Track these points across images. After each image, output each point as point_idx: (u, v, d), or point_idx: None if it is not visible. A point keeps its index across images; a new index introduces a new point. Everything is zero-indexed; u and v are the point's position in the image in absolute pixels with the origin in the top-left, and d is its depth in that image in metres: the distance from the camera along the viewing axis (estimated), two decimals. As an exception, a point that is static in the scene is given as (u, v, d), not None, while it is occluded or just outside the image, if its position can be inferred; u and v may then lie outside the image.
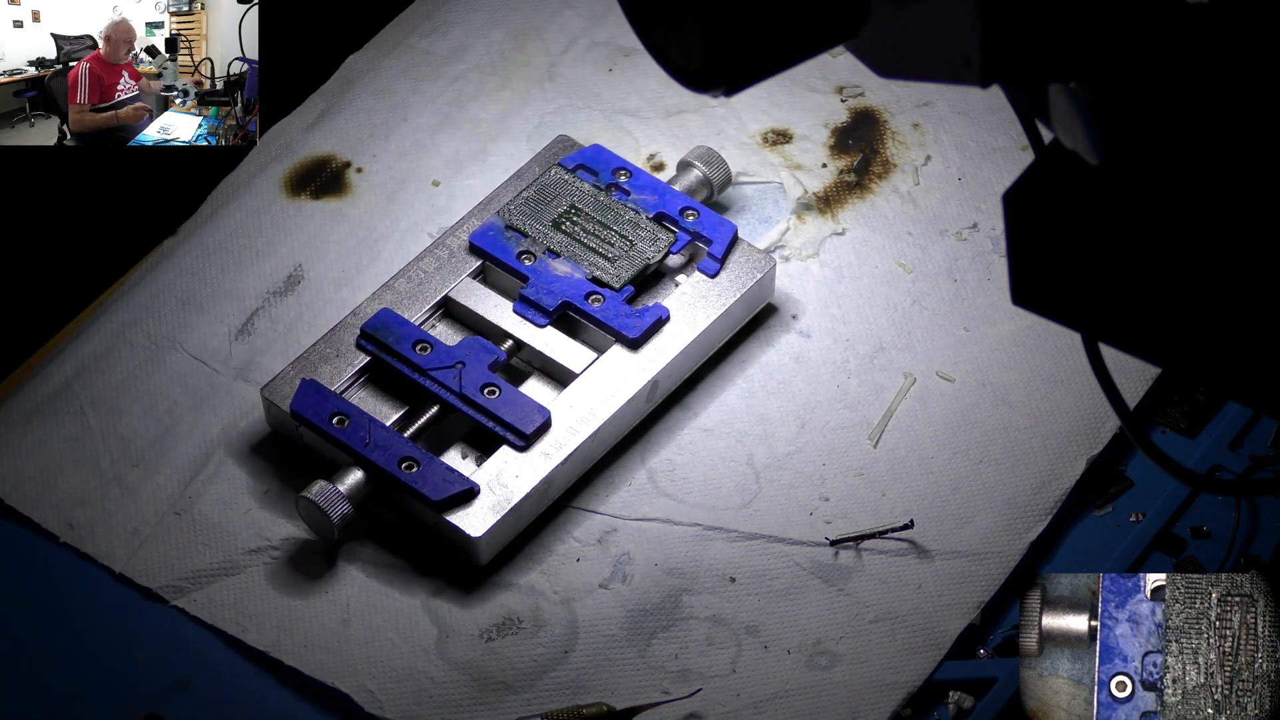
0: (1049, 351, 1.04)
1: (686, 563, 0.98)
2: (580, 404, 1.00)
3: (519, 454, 0.98)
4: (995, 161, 1.11)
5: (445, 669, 0.94)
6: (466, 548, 0.96)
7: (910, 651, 0.95)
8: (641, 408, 1.01)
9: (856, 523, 0.99)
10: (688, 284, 1.04)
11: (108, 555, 0.98)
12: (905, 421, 1.02)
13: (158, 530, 0.99)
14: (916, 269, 1.08)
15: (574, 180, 1.06)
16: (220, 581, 0.97)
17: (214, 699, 0.94)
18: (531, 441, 0.98)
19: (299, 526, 0.98)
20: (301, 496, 0.96)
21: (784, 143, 1.12)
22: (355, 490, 0.97)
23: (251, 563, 0.98)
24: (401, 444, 0.97)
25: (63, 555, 0.98)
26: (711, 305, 1.03)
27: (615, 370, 1.01)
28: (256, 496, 1.00)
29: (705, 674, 0.94)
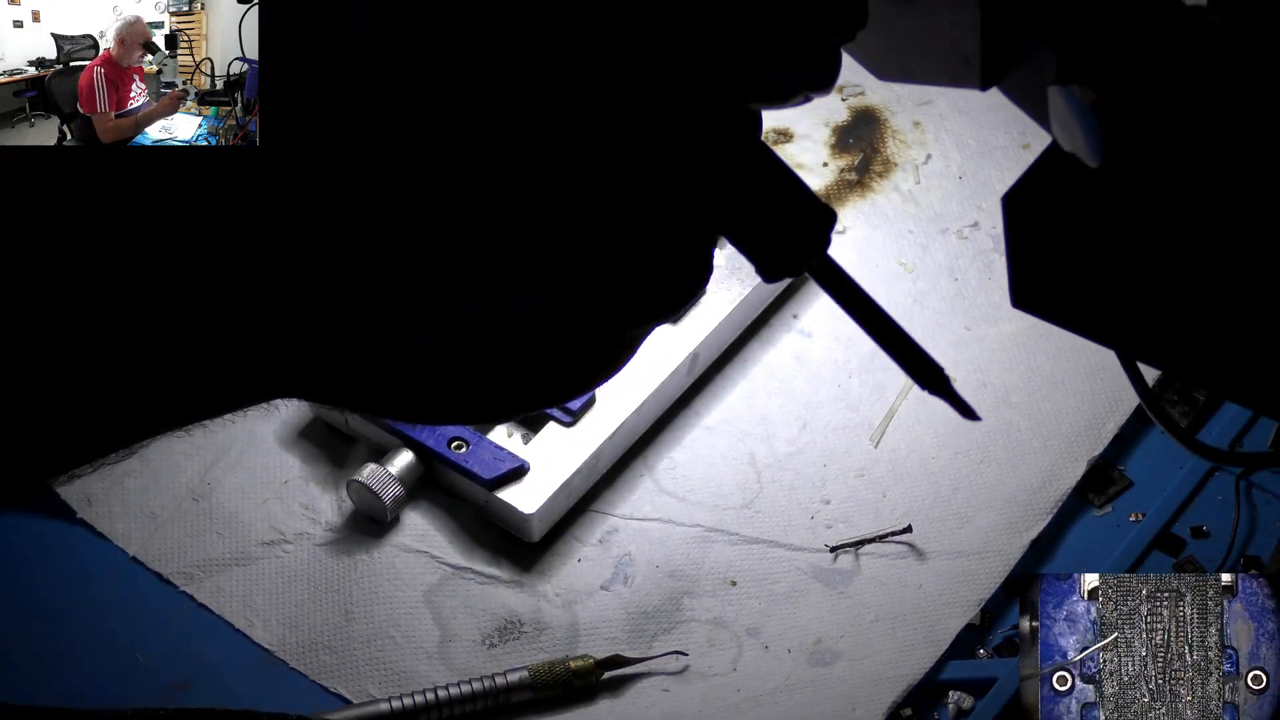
0: (1050, 352, 1.04)
1: (688, 565, 0.98)
2: (623, 378, 1.00)
3: (566, 430, 0.99)
4: (996, 160, 1.11)
5: (447, 674, 0.94)
6: (519, 525, 0.97)
7: (910, 647, 0.95)
8: (683, 380, 1.03)
9: (857, 524, 0.99)
10: (722, 256, 1.04)
11: (124, 537, 0.98)
12: (906, 422, 1.02)
13: (174, 515, 0.99)
14: (917, 267, 1.08)
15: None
16: (230, 571, 0.97)
17: (214, 699, 0.94)
18: (578, 417, 0.99)
19: (312, 521, 0.98)
20: (353, 480, 0.98)
21: (785, 141, 1.12)
22: (406, 472, 0.98)
23: (263, 555, 0.98)
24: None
25: (64, 553, 0.99)
26: (747, 275, 1.04)
27: (656, 344, 1.01)
28: (275, 488, 1.00)
29: (706, 674, 0.95)
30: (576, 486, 0.99)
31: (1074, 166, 0.75)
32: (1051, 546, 0.99)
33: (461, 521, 0.99)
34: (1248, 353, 0.74)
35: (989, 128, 1.13)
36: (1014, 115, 1.12)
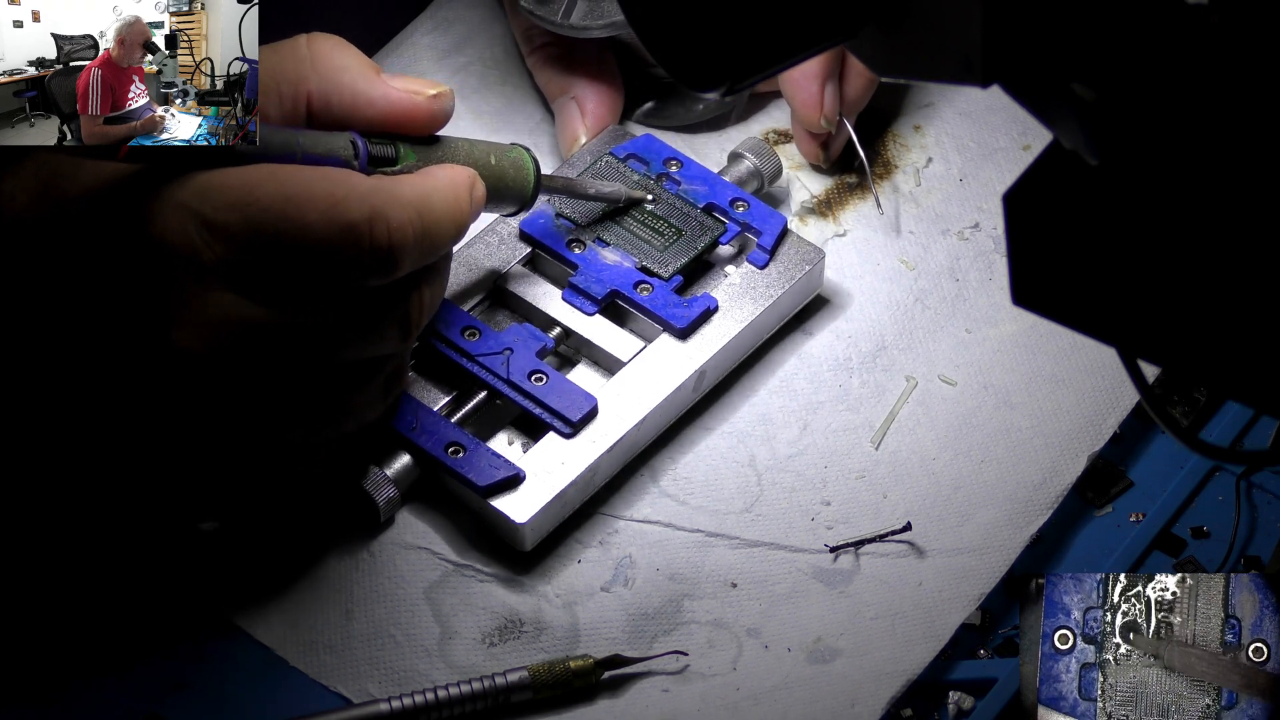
0: (1050, 351, 1.04)
1: (688, 568, 0.98)
2: (627, 392, 1.00)
3: (565, 441, 0.98)
4: (997, 162, 1.11)
5: (447, 673, 0.94)
6: (511, 534, 0.97)
7: (910, 643, 0.95)
8: (688, 397, 1.02)
9: (858, 525, 0.99)
10: (736, 275, 1.04)
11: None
12: (907, 425, 1.02)
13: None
14: (919, 267, 1.08)
15: (624, 169, 1.06)
16: (230, 571, 0.97)
17: (214, 699, 0.94)
18: (578, 429, 0.98)
19: (312, 519, 0.98)
20: (353, 483, 0.97)
21: (786, 143, 1.12)
22: (402, 475, 0.97)
23: (265, 550, 0.98)
24: (448, 429, 0.98)
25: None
26: (760, 296, 1.03)
27: (663, 359, 1.01)
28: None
29: (705, 673, 0.94)
30: (572, 498, 0.98)
31: (1075, 164, 0.75)
32: (1052, 547, 0.99)
33: (462, 518, 0.99)
34: (1248, 350, 0.74)
35: (989, 130, 1.13)
36: (1014, 117, 1.13)
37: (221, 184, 0.85)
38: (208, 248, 0.85)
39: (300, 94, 0.91)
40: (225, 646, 0.96)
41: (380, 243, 0.87)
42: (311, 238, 0.86)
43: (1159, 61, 0.72)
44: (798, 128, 1.10)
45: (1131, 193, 0.74)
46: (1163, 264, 0.74)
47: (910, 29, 0.79)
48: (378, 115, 0.92)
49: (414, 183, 0.90)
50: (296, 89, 0.91)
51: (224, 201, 0.85)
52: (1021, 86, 0.76)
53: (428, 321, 0.93)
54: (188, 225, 0.85)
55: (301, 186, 0.86)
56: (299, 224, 0.85)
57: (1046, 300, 0.78)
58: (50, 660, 0.95)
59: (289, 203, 0.85)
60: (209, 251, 0.85)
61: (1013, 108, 0.81)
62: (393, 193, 0.88)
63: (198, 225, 0.85)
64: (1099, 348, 1.00)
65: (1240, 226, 0.72)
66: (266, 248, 0.85)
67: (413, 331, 0.92)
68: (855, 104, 1.08)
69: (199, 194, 0.85)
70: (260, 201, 0.85)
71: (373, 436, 0.97)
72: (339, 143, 0.90)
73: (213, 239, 0.85)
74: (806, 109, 1.07)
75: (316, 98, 0.91)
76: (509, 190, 0.97)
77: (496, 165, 0.96)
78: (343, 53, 0.92)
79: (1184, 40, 0.72)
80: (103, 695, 0.94)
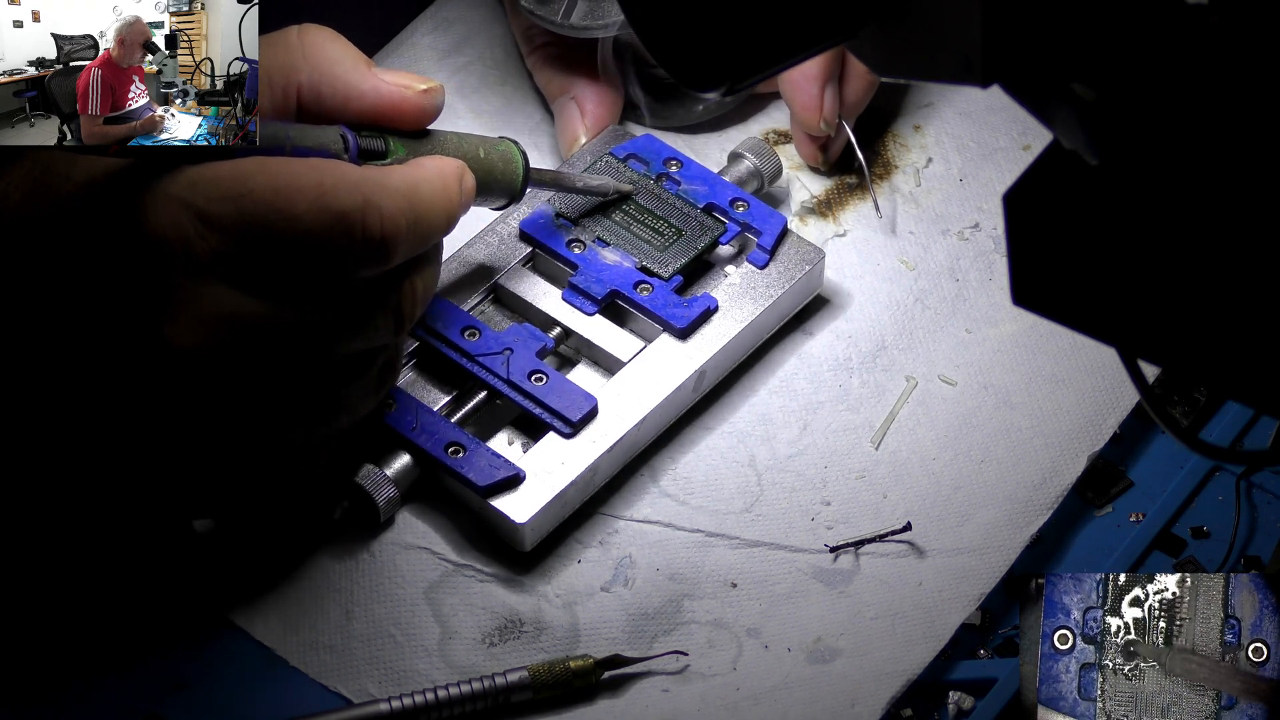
0: (1050, 351, 1.04)
1: (688, 568, 0.98)
2: (627, 392, 1.00)
3: (565, 441, 0.98)
4: (997, 162, 1.11)
5: (447, 673, 0.94)
6: (511, 534, 0.97)
7: (910, 643, 0.95)
8: (688, 397, 1.02)
9: (858, 526, 0.99)
10: (736, 275, 1.04)
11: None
12: (907, 425, 1.02)
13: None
14: (919, 267, 1.07)
15: (624, 169, 1.06)
16: (230, 570, 0.97)
17: (214, 699, 0.94)
18: (578, 429, 0.98)
19: (312, 519, 0.98)
20: (349, 479, 0.97)
21: (786, 143, 1.12)
22: (402, 474, 0.97)
23: (265, 550, 0.98)
24: (448, 429, 0.98)
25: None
26: (760, 296, 1.03)
27: (663, 359, 1.01)
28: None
29: (705, 673, 0.94)
30: (572, 498, 0.98)
31: (1075, 164, 0.75)
32: (1052, 547, 0.99)
33: (462, 518, 0.99)
34: (1248, 350, 0.74)
35: (989, 130, 1.13)
36: (1014, 118, 1.13)
37: (214, 176, 0.85)
38: (202, 239, 0.85)
39: (291, 85, 0.91)
40: (225, 646, 0.96)
41: (373, 232, 0.87)
42: (303, 228, 0.86)
43: (1159, 61, 0.72)
44: (797, 130, 1.10)
45: (1131, 193, 0.73)
46: (1162, 264, 0.74)
47: (910, 29, 0.79)
48: (368, 108, 0.92)
49: (403, 173, 0.90)
50: (287, 80, 0.91)
51: (217, 193, 0.85)
52: (1021, 86, 0.76)
53: (421, 313, 0.93)
54: (181, 218, 0.85)
55: (290, 178, 0.86)
56: (289, 214, 0.86)
57: (1046, 300, 0.78)
58: (50, 660, 0.95)
59: (278, 194, 0.86)
60: (203, 243, 0.85)
61: (1013, 108, 0.81)
62: (382, 182, 0.88)
63: (191, 217, 0.85)
64: (1099, 348, 1.00)
65: (1240, 226, 0.72)
66: (259, 239, 0.85)
67: (406, 323, 0.92)
68: (854, 107, 1.08)
69: (192, 186, 0.85)
70: (254, 193, 0.85)
71: (365, 431, 0.97)
72: (329, 136, 0.90)
73: (207, 230, 0.85)
74: (806, 112, 1.07)
75: (307, 89, 0.91)
76: (498, 183, 0.97)
77: (485, 158, 0.96)
78: (334, 45, 0.93)
79: (1184, 40, 0.72)
80: (103, 695, 0.94)
